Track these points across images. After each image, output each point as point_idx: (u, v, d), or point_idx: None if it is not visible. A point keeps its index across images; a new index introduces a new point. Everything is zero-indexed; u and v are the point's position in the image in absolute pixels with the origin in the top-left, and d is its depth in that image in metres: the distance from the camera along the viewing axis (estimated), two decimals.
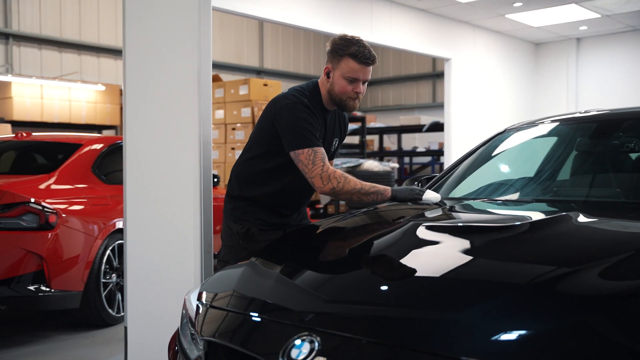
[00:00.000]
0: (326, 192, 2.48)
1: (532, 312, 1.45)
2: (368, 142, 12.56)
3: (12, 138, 5.14)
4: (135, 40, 3.26)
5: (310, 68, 15.54)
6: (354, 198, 2.48)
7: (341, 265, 1.99)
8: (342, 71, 2.53)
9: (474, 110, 8.22)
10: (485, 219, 2.39)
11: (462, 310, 1.52)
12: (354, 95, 2.56)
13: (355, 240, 2.25)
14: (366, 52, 2.51)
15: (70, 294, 4.26)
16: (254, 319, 1.74)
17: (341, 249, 2.17)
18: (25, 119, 9.99)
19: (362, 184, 2.50)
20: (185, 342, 2.01)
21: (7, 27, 10.75)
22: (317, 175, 2.46)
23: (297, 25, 5.87)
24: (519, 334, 1.39)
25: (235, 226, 2.65)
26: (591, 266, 1.64)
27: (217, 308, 1.90)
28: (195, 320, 1.94)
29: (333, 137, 2.74)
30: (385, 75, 16.18)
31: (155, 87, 3.18)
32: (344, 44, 2.52)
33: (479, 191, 2.93)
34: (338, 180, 2.47)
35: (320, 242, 2.29)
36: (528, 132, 3.27)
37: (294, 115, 2.49)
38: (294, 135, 2.48)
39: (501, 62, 8.98)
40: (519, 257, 1.81)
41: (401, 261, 1.88)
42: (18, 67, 10.78)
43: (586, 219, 2.16)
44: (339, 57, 2.54)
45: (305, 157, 2.46)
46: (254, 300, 1.84)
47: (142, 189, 3.25)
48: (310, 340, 1.54)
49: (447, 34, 7.88)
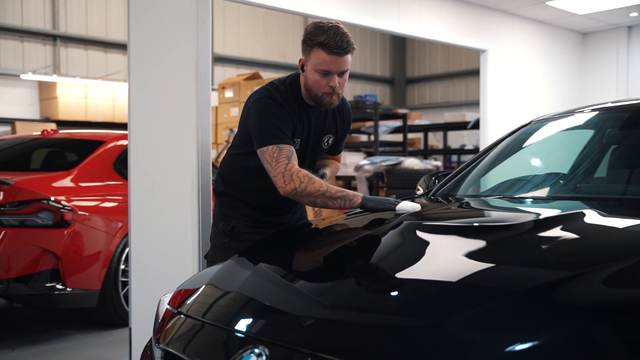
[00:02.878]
0: (288, 193, 2.23)
1: (522, 324, 1.27)
2: (415, 141, 12.27)
3: (38, 136, 5.15)
4: (138, 35, 3.19)
5: (355, 65, 15.33)
6: (318, 202, 2.21)
7: (311, 274, 1.80)
8: (313, 64, 2.27)
9: (512, 106, 7.71)
10: (486, 219, 2.15)
11: (435, 322, 1.32)
12: (329, 90, 2.29)
13: (337, 243, 2.05)
14: (337, 39, 2.21)
15: (87, 292, 4.21)
16: (208, 328, 1.58)
17: (317, 255, 1.98)
18: (69, 119, 10.17)
19: (329, 187, 2.22)
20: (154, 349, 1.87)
21: (54, 29, 10.99)
22: (280, 174, 2.23)
23: (313, 14, 5.65)
24: (505, 348, 1.19)
25: (221, 224, 2.50)
26: (598, 271, 1.42)
27: (182, 314, 1.75)
28: (157, 326, 1.80)
29: (324, 133, 2.50)
30: (433, 72, 15.82)
31: (157, 81, 3.10)
32: (312, 33, 2.26)
33: (494, 188, 2.69)
34: (301, 180, 2.21)
35: (299, 246, 2.10)
36: (555, 124, 3.00)
37: (261, 111, 2.30)
38: (260, 132, 2.29)
39: (543, 53, 8.40)
40: (515, 260, 1.59)
41: (376, 268, 1.69)
42: (65, 68, 11.00)
43: (595, 218, 1.90)
44: (309, 48, 2.28)
45: (269, 155, 2.25)
46: (213, 308, 1.68)
47: (146, 187, 3.18)
48: (259, 353, 1.38)
49: (483, 23, 7.41)
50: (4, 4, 10.42)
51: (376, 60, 16.04)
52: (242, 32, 13.16)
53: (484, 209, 2.38)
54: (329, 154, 2.70)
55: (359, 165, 8.45)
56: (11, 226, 3.97)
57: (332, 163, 2.73)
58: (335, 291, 1.58)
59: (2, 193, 4.01)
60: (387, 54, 16.36)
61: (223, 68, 12.73)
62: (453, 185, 2.82)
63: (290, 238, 2.24)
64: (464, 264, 1.59)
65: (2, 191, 4.01)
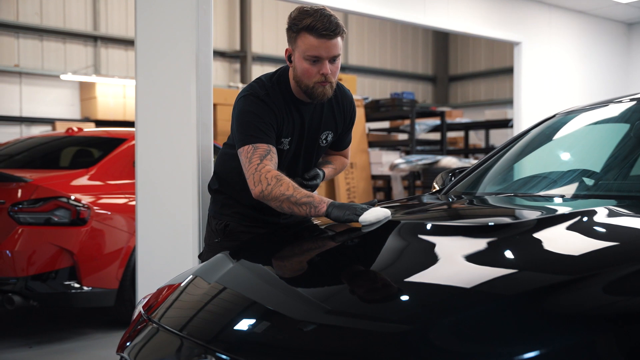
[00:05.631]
0: (257, 196, 2.04)
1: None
2: (458, 140, 11.97)
3: (62, 134, 5.16)
4: (144, 32, 3.11)
5: (396, 63, 15.09)
6: (284, 208, 2.01)
7: (283, 282, 1.65)
8: (301, 50, 2.09)
9: (548, 102, 7.21)
10: (485, 217, 1.97)
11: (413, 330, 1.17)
12: (321, 79, 2.10)
13: (323, 246, 1.91)
14: (325, 21, 2.04)
15: (105, 291, 4.16)
16: (163, 334, 1.46)
17: (298, 259, 1.83)
18: (108, 118, 10.29)
19: (297, 190, 2.00)
20: None
21: (95, 30, 11.14)
22: (251, 175, 2.05)
23: (341, 8, 5.46)
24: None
25: (214, 222, 2.37)
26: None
27: (147, 319, 1.64)
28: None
29: (321, 130, 2.32)
30: (476, 69, 15.45)
31: (160, 76, 3.02)
32: (297, 18, 2.09)
33: (511, 185, 2.49)
34: (268, 182, 2.01)
35: (280, 250, 1.96)
36: (583, 117, 2.77)
37: (242, 110, 2.15)
38: (238, 132, 2.14)
39: (583, 46, 7.88)
40: (511, 262, 1.43)
41: (347, 277, 1.54)
42: (105, 69, 11.15)
43: (603, 217, 1.70)
44: (295, 35, 2.11)
45: (244, 155, 2.09)
46: (172, 312, 1.56)
47: (150, 186, 3.11)
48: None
49: (516, 14, 7.00)
50: (47, 7, 10.62)
51: (418, 57, 15.76)
52: (280, 29, 13.09)
53: (499, 206, 2.20)
54: (333, 150, 2.55)
55: (393, 164, 8.25)
56: (28, 224, 3.96)
57: (337, 159, 2.57)
58: (314, 301, 1.43)
59: (20, 191, 4.01)
60: (430, 51, 16.06)
61: (262, 67, 12.70)
62: (468, 182, 2.63)
63: (284, 239, 2.10)
64: (469, 268, 1.43)
65: (19, 189, 4.01)
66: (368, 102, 9.25)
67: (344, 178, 8.26)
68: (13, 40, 10.34)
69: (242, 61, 12.71)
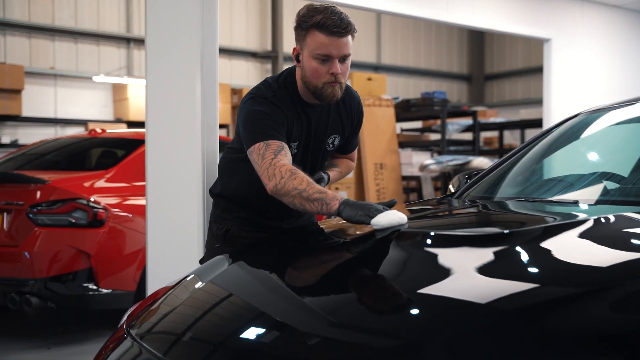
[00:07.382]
0: (271, 191, 1.93)
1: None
2: (493, 140, 11.72)
3: (86, 135, 5.19)
4: (154, 30, 3.08)
5: (430, 62, 14.88)
6: (296, 203, 1.88)
7: (283, 289, 1.55)
8: (310, 49, 2.00)
9: (579, 102, 6.79)
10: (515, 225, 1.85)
11: None
12: (331, 79, 2.01)
13: (328, 254, 1.81)
14: (336, 19, 1.96)
15: (122, 293, 4.15)
16: (132, 348, 1.39)
17: (299, 265, 1.74)
18: (140, 119, 10.36)
19: (310, 185, 1.87)
20: None
21: (128, 32, 11.26)
22: (265, 170, 1.94)
23: (354, 5, 5.32)
24: None
25: (215, 227, 2.31)
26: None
27: (127, 333, 1.57)
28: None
29: (328, 134, 2.23)
30: (513, 67, 15.12)
31: (167, 75, 2.98)
32: (307, 15, 2.00)
33: (526, 189, 2.36)
34: (282, 175, 1.89)
35: (281, 255, 1.87)
36: (609, 116, 2.62)
37: (250, 110, 2.06)
38: (247, 132, 2.04)
39: (618, 42, 7.50)
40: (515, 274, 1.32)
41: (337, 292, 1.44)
42: (138, 70, 11.25)
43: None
44: (304, 33, 2.02)
45: (256, 153, 1.99)
46: (146, 325, 1.49)
47: (159, 188, 3.11)
48: None
49: (545, 9, 6.72)
50: (82, 10, 10.77)
51: (452, 56, 15.50)
52: None
53: (513, 211, 2.08)
54: (339, 153, 2.45)
55: (423, 164, 8.09)
56: (46, 225, 3.96)
57: (343, 162, 2.47)
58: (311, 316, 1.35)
59: (39, 192, 4.02)
60: (465, 49, 15.79)
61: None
62: (484, 185, 2.51)
63: (284, 245, 2.01)
64: (482, 281, 1.33)
65: (38, 190, 4.02)
66: (398, 102, 9.11)
67: (374, 179, 8.13)
68: (49, 43, 10.52)
69: (273, 61, 12.69)
